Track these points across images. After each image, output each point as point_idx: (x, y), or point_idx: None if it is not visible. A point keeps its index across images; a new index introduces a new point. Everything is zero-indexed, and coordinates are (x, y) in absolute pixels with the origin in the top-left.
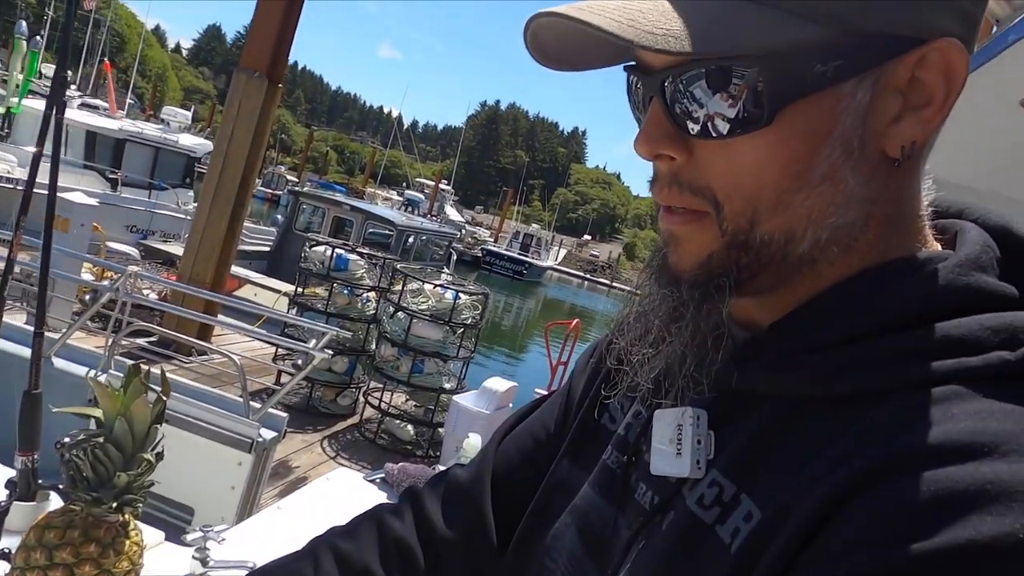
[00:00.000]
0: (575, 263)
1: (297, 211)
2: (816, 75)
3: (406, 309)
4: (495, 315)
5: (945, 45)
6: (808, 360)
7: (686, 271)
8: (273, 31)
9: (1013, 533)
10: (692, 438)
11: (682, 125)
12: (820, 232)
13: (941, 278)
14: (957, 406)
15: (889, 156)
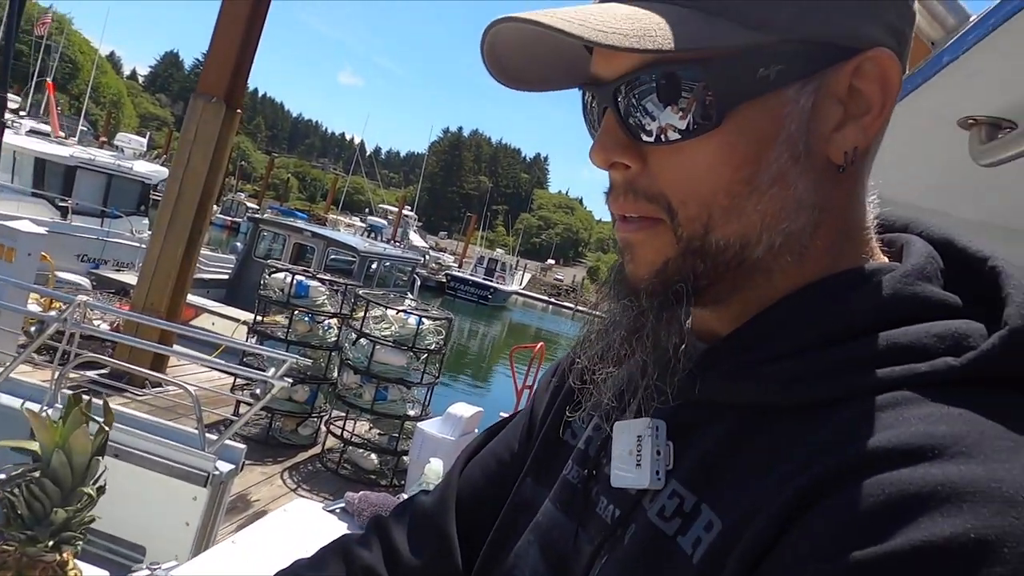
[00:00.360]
0: (539, 287)
1: (257, 238)
2: (760, 79)
3: (369, 335)
4: (460, 340)
5: (878, 54)
6: (765, 370)
7: (643, 279)
8: (231, 56)
9: (964, 533)
10: (651, 449)
11: (635, 133)
12: (774, 237)
13: (889, 288)
14: (907, 411)
15: (834, 162)
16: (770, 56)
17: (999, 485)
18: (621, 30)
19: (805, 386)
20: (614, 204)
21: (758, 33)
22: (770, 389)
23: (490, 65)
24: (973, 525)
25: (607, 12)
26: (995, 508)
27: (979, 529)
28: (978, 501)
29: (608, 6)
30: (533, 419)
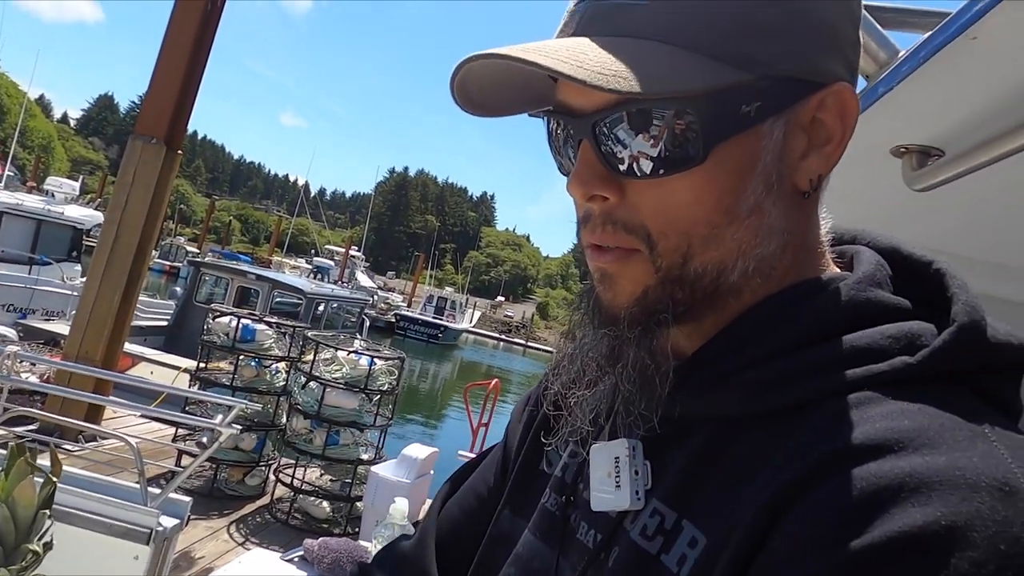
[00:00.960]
0: (490, 324)
1: (198, 282)
2: (742, 115)
3: (319, 378)
4: (411, 381)
5: (840, 88)
6: (734, 380)
7: (623, 307)
8: (172, 95)
9: (936, 520)
10: (630, 469)
11: (615, 166)
12: (748, 263)
13: (844, 296)
14: (871, 409)
15: (800, 189)
16: (751, 93)
17: (962, 472)
18: (621, 73)
19: (772, 393)
20: (590, 235)
21: (740, 71)
22: (739, 399)
23: (458, 95)
24: (943, 512)
25: (594, 48)
26: (961, 495)
27: (948, 516)
28: (944, 489)
29: (589, 41)
30: (508, 451)
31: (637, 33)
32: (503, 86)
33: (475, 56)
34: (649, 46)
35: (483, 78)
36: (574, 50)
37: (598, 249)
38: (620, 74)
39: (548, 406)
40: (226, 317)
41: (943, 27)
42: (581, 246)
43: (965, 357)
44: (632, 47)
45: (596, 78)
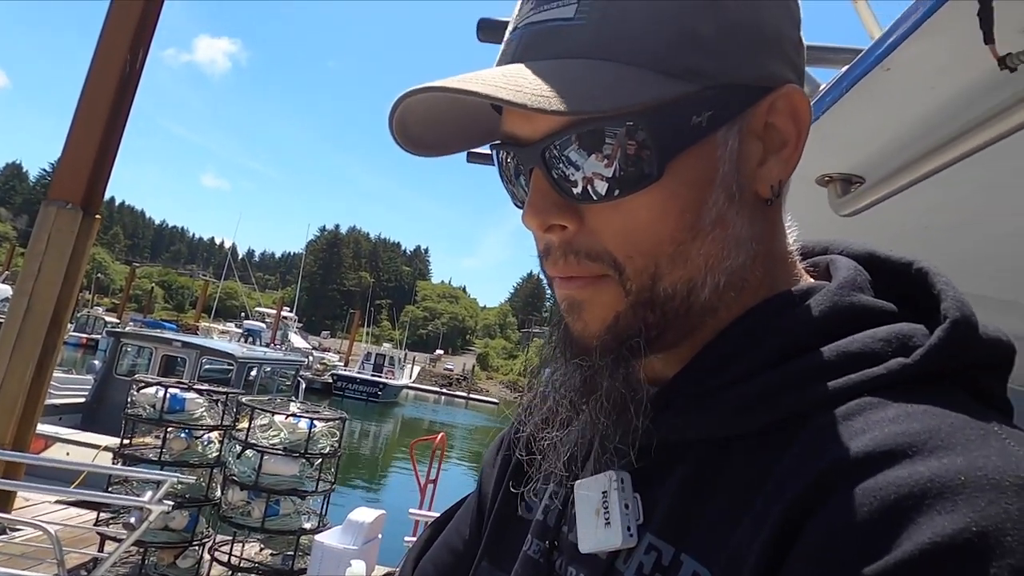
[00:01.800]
0: (430, 379)
1: (119, 354)
2: (694, 127)
3: (255, 446)
4: (352, 443)
5: (789, 91)
6: (720, 398)
7: (595, 336)
8: (89, 158)
9: (966, 527)
10: (619, 503)
11: (569, 192)
12: (718, 277)
13: (827, 302)
14: (874, 414)
15: (762, 196)
16: (700, 103)
17: (984, 473)
18: (562, 93)
19: (765, 408)
20: (553, 267)
21: (686, 82)
22: (727, 418)
23: (398, 134)
24: (972, 519)
25: (533, 72)
26: (987, 497)
27: (979, 522)
28: (969, 492)
29: (530, 67)
30: (482, 500)
31: (576, 54)
32: (446, 123)
33: (411, 91)
34: (589, 65)
35: (424, 115)
36: (512, 76)
37: (564, 278)
38: (561, 94)
39: (520, 450)
40: (152, 388)
41: (860, 60)
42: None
43: (960, 354)
44: (572, 67)
45: (536, 101)
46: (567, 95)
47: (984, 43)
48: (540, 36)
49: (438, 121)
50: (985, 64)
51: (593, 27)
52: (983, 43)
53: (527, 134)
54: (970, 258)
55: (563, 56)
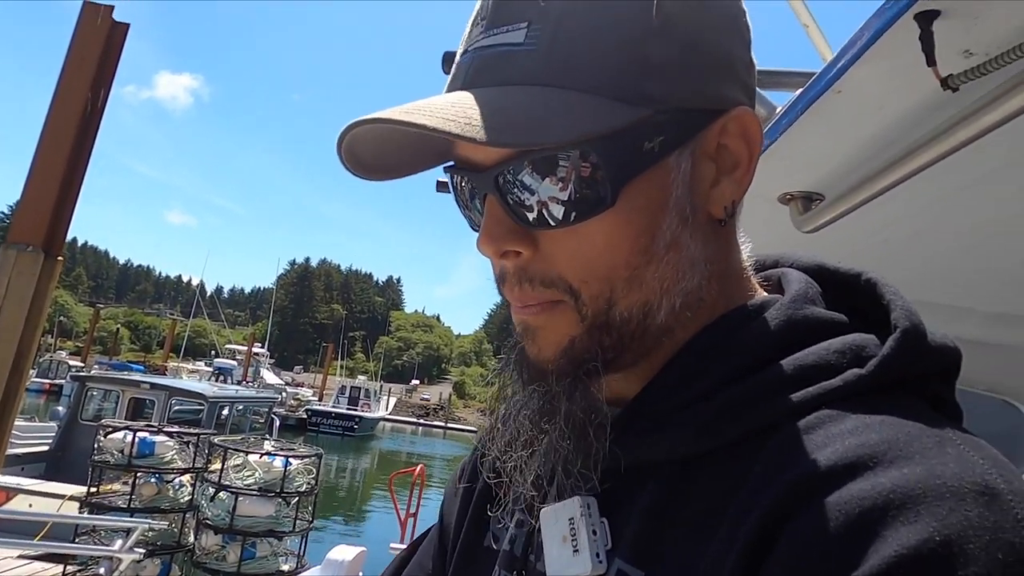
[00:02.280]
0: (407, 410)
1: (84, 399)
2: (646, 152)
3: (229, 487)
4: (329, 479)
5: (740, 113)
6: (682, 418)
7: (550, 360)
8: (50, 199)
9: (931, 537)
10: (587, 529)
11: (523, 218)
12: (674, 299)
13: (782, 316)
14: (833, 427)
15: (715, 217)
16: (652, 129)
17: (943, 481)
18: (513, 125)
19: (724, 425)
20: (509, 293)
21: (638, 108)
22: (690, 437)
23: (348, 161)
24: (935, 527)
25: (484, 101)
26: (947, 505)
27: (941, 530)
28: (929, 501)
29: (480, 95)
30: (445, 531)
31: (527, 80)
32: (399, 146)
33: (358, 122)
34: (540, 92)
35: (375, 141)
36: (462, 106)
37: (520, 303)
38: (512, 125)
39: (487, 474)
40: (119, 432)
41: (812, 83)
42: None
43: (912, 363)
44: (523, 95)
45: (488, 135)
46: (519, 126)
47: (927, 65)
48: (490, 61)
49: (389, 145)
50: (929, 85)
51: (543, 53)
52: (926, 65)
53: (480, 159)
54: (928, 267)
55: (514, 83)
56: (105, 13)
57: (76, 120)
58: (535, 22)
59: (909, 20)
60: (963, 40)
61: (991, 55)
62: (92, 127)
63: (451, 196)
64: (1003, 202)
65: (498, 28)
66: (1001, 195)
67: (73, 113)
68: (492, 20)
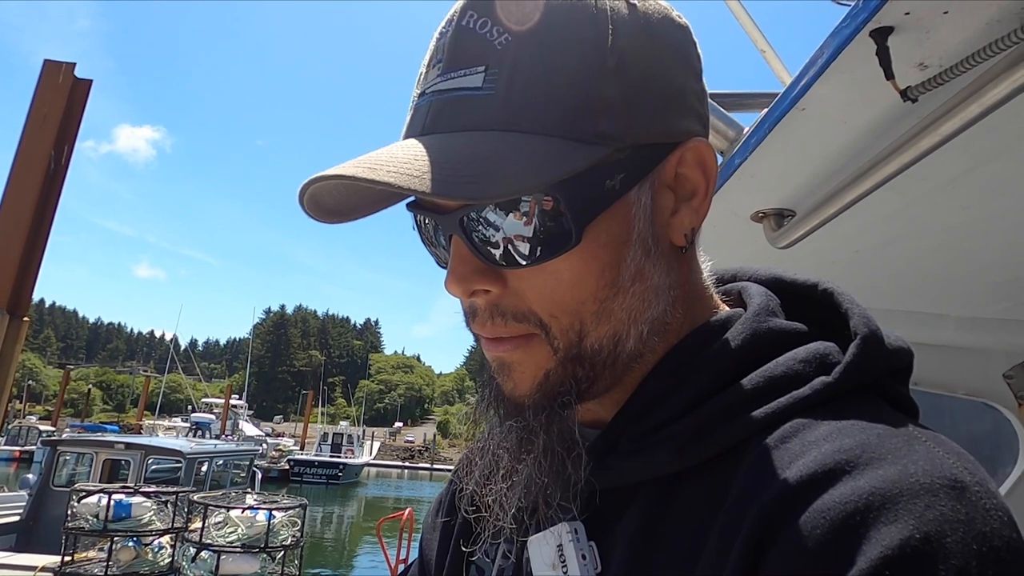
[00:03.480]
0: (391, 453)
1: (56, 464)
2: (608, 190)
3: (211, 546)
4: (315, 530)
5: (695, 144)
6: (658, 439)
7: (526, 395)
8: (14, 259)
9: (911, 535)
10: (576, 554)
11: (490, 258)
12: (641, 327)
13: (747, 330)
14: (807, 435)
15: (676, 245)
16: (612, 167)
17: (916, 479)
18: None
19: (701, 442)
20: (481, 328)
21: (597, 148)
22: (669, 456)
23: (310, 210)
24: (914, 524)
25: (444, 151)
26: (923, 502)
27: (920, 527)
28: (906, 500)
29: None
30: (425, 567)
31: (486, 125)
32: (359, 189)
33: (320, 177)
34: (500, 139)
35: (336, 187)
36: (422, 159)
37: (493, 339)
38: (475, 178)
39: (466, 508)
40: (94, 496)
41: (777, 103)
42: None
43: (873, 366)
44: (483, 143)
45: (451, 189)
46: (482, 178)
47: (886, 79)
48: (449, 106)
49: (349, 188)
50: (888, 98)
51: (501, 97)
52: (885, 79)
53: (444, 201)
54: (901, 276)
55: (473, 128)
56: (67, 71)
57: (39, 178)
58: (492, 66)
59: (865, 37)
60: (917, 53)
61: (944, 66)
62: (56, 184)
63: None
64: (967, 207)
65: (455, 71)
66: (965, 200)
67: (36, 171)
68: (449, 63)
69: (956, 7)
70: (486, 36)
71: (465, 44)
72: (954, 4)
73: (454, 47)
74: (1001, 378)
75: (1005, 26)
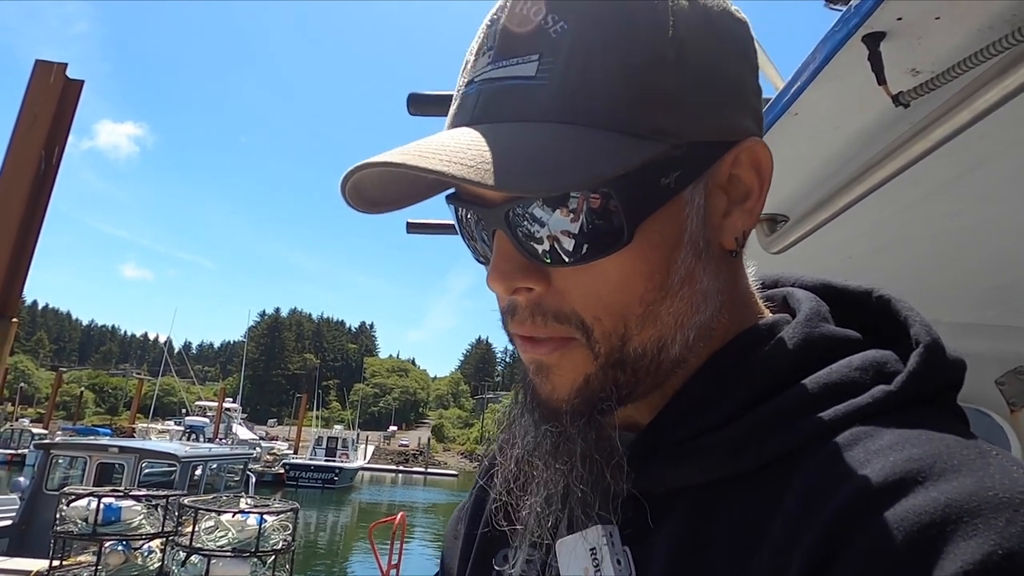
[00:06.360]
0: (385, 457)
1: (49, 467)
2: (662, 188)
3: (201, 550)
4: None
5: (752, 144)
6: (710, 441)
7: (565, 400)
8: (3, 260)
9: (993, 551)
10: (611, 559)
11: (535, 255)
12: (688, 333)
13: (800, 335)
14: (871, 444)
15: (727, 249)
16: (668, 164)
17: (994, 492)
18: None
19: (757, 448)
20: (519, 327)
21: (654, 143)
22: (719, 462)
23: (351, 199)
24: (996, 541)
25: (497, 142)
26: (1004, 516)
27: (1002, 544)
28: (986, 514)
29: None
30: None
31: (539, 116)
32: (395, 179)
33: (366, 164)
34: (553, 131)
35: (376, 178)
36: (474, 148)
37: (530, 340)
38: (530, 170)
39: (499, 520)
40: (83, 499)
41: (769, 107)
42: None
43: (935, 377)
44: (536, 134)
45: (508, 181)
46: (537, 172)
47: (878, 84)
48: (500, 95)
49: (387, 178)
50: (880, 103)
51: (556, 87)
52: (877, 84)
53: (489, 194)
54: (892, 281)
55: (526, 119)
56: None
57: (29, 178)
58: (547, 55)
59: (857, 42)
60: (909, 59)
61: (936, 72)
62: (47, 185)
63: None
64: (959, 213)
65: (507, 60)
66: (956, 207)
67: (26, 171)
68: (501, 51)
69: (948, 13)
70: (541, 24)
71: (518, 32)
72: (946, 9)
73: (506, 34)
74: (993, 384)
75: (996, 32)
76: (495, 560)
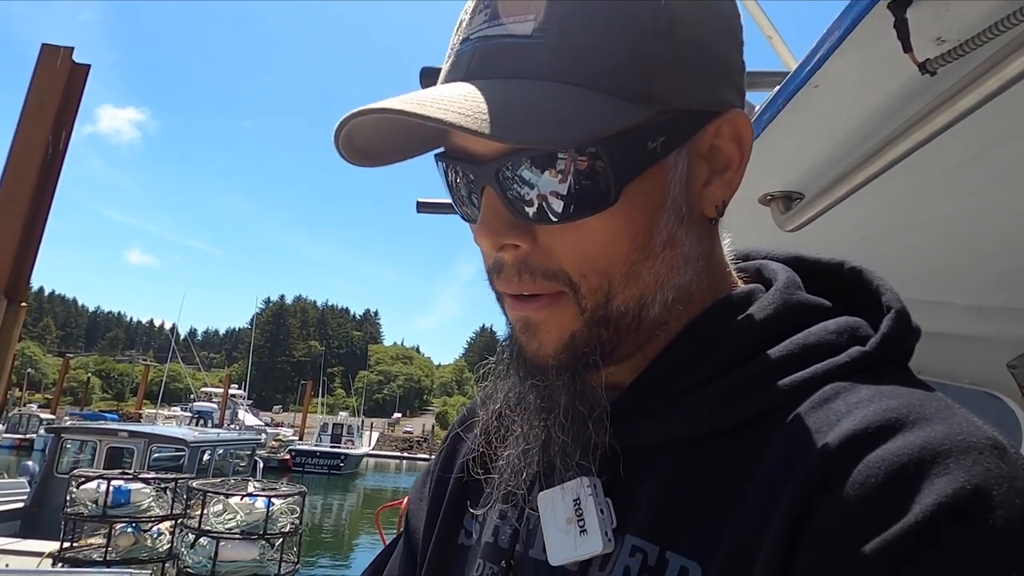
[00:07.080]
0: (390, 444)
1: (59, 451)
2: (649, 151)
3: (210, 532)
4: (314, 520)
5: (734, 116)
6: (694, 397)
7: (551, 355)
8: (12, 244)
9: (963, 486)
10: (595, 508)
11: (523, 213)
12: (667, 294)
13: (778, 300)
14: (850, 396)
15: (707, 216)
16: (656, 128)
17: (962, 438)
18: (521, 120)
19: (740, 402)
20: (506, 285)
21: (643, 107)
22: (704, 415)
23: (344, 149)
24: (965, 477)
25: (492, 95)
26: (971, 457)
27: (970, 480)
28: (956, 455)
29: (489, 87)
30: (413, 538)
31: (534, 74)
32: (389, 134)
33: (364, 110)
34: (548, 88)
35: (370, 128)
36: (471, 99)
37: (518, 298)
38: (525, 123)
39: (475, 469)
40: (93, 482)
41: (789, 79)
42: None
43: (903, 340)
44: (532, 91)
45: (504, 131)
46: (532, 124)
47: (904, 52)
48: (496, 52)
49: (381, 132)
50: (906, 72)
51: (552, 48)
52: (903, 52)
53: (479, 150)
54: (907, 262)
55: (521, 77)
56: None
57: (37, 163)
58: (543, 15)
59: (883, 9)
60: (935, 27)
61: (962, 40)
62: (54, 170)
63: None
64: (979, 192)
65: (504, 19)
66: (974, 185)
67: (34, 156)
68: (497, 10)
69: None
70: None
71: None
72: None
73: None
74: (1005, 368)
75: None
76: (469, 505)
